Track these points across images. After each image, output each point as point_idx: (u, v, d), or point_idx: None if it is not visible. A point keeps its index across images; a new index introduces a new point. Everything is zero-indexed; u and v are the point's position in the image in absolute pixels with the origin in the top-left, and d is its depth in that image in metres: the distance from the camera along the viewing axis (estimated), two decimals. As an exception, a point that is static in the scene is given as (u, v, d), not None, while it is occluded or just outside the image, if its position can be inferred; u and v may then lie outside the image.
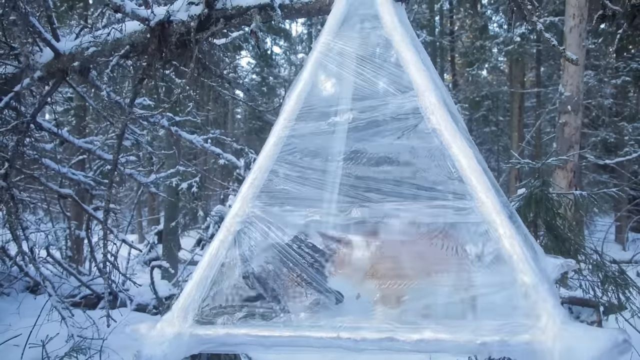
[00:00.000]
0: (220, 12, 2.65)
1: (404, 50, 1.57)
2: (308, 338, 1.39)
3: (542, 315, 1.28)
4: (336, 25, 1.65)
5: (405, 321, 1.38)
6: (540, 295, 1.31)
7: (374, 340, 1.35)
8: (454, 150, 1.46)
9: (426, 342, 1.33)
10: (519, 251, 1.36)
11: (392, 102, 1.57)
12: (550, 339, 1.25)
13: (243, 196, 1.56)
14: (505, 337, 1.30)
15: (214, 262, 1.52)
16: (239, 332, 1.44)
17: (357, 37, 1.64)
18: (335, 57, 1.64)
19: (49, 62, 3.60)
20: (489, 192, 1.42)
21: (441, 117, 1.50)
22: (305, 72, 1.65)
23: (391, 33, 1.59)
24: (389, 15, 1.61)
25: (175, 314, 1.48)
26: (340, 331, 1.38)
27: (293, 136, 1.61)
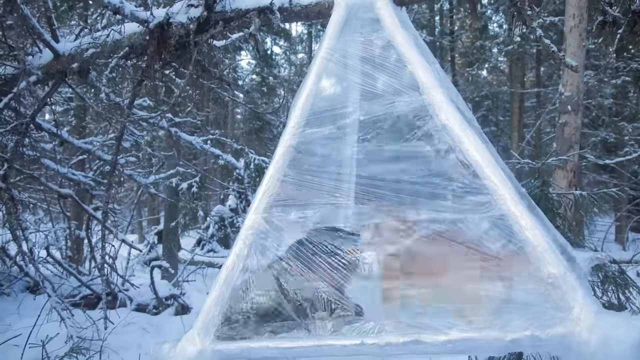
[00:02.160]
0: (219, 15, 2.65)
1: (407, 50, 1.57)
2: (332, 347, 1.37)
3: (574, 306, 1.25)
4: (337, 29, 1.65)
5: (431, 322, 1.35)
6: (569, 286, 1.27)
7: (399, 344, 1.33)
8: (466, 145, 1.45)
9: (453, 343, 1.31)
10: (542, 242, 1.33)
11: (399, 102, 1.57)
12: (585, 329, 1.21)
13: (256, 207, 1.54)
14: (537, 331, 1.26)
15: (232, 276, 1.50)
16: (261, 345, 1.42)
17: (359, 40, 1.64)
18: (339, 61, 1.64)
19: (48, 63, 3.60)
20: (506, 184, 1.40)
21: (450, 113, 1.49)
22: (309, 78, 1.64)
23: (393, 35, 1.59)
24: (389, 18, 1.61)
25: (196, 332, 1.47)
26: (364, 337, 1.36)
27: (302, 143, 1.60)
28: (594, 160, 12.99)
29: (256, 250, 1.51)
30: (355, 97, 1.60)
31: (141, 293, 6.82)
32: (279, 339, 1.43)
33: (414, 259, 1.48)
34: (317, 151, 1.60)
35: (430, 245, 1.48)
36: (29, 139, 4.97)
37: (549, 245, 1.33)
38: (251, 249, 1.52)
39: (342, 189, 1.56)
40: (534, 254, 1.34)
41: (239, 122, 22.04)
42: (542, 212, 1.81)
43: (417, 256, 1.48)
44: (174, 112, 7.67)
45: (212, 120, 15.62)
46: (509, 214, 1.38)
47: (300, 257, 1.50)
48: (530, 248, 1.34)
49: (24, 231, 4.63)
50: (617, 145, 14.87)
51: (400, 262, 1.49)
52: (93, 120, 10.50)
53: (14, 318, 5.25)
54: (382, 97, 1.58)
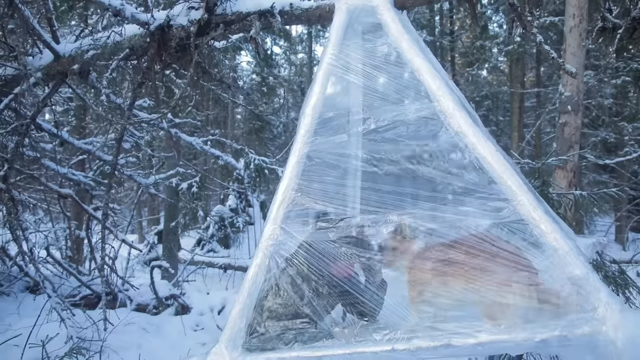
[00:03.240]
0: (220, 18, 2.64)
1: (413, 56, 1.56)
2: (364, 354, 1.38)
3: (599, 306, 1.27)
4: (340, 34, 1.65)
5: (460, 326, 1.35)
6: (592, 286, 1.29)
7: (430, 348, 1.35)
8: (481, 151, 1.45)
9: (483, 345, 1.32)
10: (564, 245, 1.35)
11: (409, 109, 1.57)
12: (611, 328, 1.23)
13: (273, 218, 1.54)
14: (564, 332, 1.28)
15: (254, 287, 1.50)
16: (291, 356, 1.42)
17: (363, 46, 1.64)
18: (345, 67, 1.64)
19: (48, 64, 3.60)
20: (523, 189, 1.40)
21: (461, 119, 1.49)
22: (316, 85, 1.64)
23: (398, 41, 1.59)
24: (393, 24, 1.60)
25: (223, 345, 1.46)
26: (394, 344, 1.36)
27: (315, 151, 1.60)
28: (594, 160, 12.98)
29: (277, 260, 1.51)
30: (363, 103, 1.60)
31: (141, 293, 6.82)
32: (308, 348, 1.42)
33: (441, 264, 1.48)
34: (330, 160, 1.59)
35: (455, 250, 1.48)
36: (29, 139, 4.97)
37: (569, 247, 1.36)
38: (271, 259, 1.51)
39: (357, 197, 1.56)
40: (556, 256, 1.35)
41: (239, 122, 22.04)
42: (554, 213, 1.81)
43: (443, 261, 1.49)
44: (174, 113, 7.67)
45: (212, 120, 15.61)
46: (529, 219, 1.40)
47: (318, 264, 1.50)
48: (552, 251, 1.36)
49: (24, 231, 4.64)
50: (617, 145, 14.86)
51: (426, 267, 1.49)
52: (93, 121, 10.50)
53: (14, 318, 5.25)
54: (391, 104, 1.58)
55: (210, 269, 10.23)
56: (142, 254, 9.23)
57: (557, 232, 1.37)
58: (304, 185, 1.57)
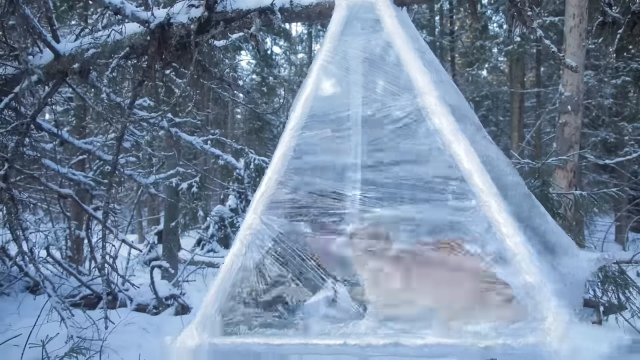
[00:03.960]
0: (220, 15, 2.64)
1: (404, 52, 1.57)
2: (317, 346, 1.41)
3: (548, 316, 1.26)
4: (338, 30, 1.65)
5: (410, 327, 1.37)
6: (543, 295, 1.28)
7: (379, 346, 1.36)
8: (455, 149, 1.45)
9: (430, 347, 1.33)
10: (522, 250, 1.34)
11: (394, 105, 1.57)
12: (555, 340, 1.22)
13: (254, 209, 1.57)
14: (509, 340, 1.28)
15: (229, 274, 1.54)
16: (252, 341, 1.47)
17: (359, 41, 1.64)
18: (340, 63, 1.64)
19: (48, 64, 3.60)
20: (492, 190, 1.39)
21: (442, 116, 1.48)
22: (310, 79, 1.65)
23: (392, 36, 1.59)
24: (389, 19, 1.61)
25: (194, 327, 1.52)
26: (347, 338, 1.39)
27: (301, 145, 1.61)
28: (594, 160, 12.98)
29: (253, 250, 1.54)
30: (355, 99, 1.60)
31: (141, 293, 6.81)
32: (269, 335, 1.47)
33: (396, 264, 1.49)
34: (316, 154, 1.60)
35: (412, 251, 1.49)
36: (30, 139, 4.97)
37: (528, 253, 1.33)
38: (248, 248, 1.54)
39: (339, 192, 1.57)
40: (513, 262, 1.34)
41: (239, 122, 22.05)
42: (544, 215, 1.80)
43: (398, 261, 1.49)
44: (174, 112, 7.67)
45: (212, 120, 15.61)
46: (493, 221, 1.38)
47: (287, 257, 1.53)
48: (510, 256, 1.34)
49: (24, 231, 4.64)
50: (617, 145, 14.87)
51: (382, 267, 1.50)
52: (93, 121, 10.50)
53: (14, 318, 5.25)
54: (379, 100, 1.58)
55: (210, 269, 10.22)
56: (142, 254, 9.23)
57: (519, 236, 1.35)
58: (287, 178, 1.59)
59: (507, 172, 1.74)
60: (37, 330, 4.35)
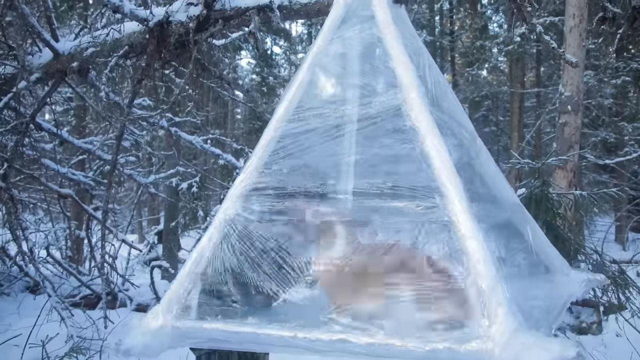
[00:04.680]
0: (219, 13, 2.64)
1: (392, 47, 1.55)
2: (270, 336, 1.40)
3: (493, 323, 1.21)
4: (333, 26, 1.64)
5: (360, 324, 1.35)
6: (495, 301, 1.23)
7: (327, 341, 1.34)
8: (427, 146, 1.42)
9: (377, 346, 1.30)
10: (478, 252, 1.29)
11: (376, 100, 1.56)
12: (497, 347, 1.18)
13: (232, 194, 1.57)
14: (454, 344, 1.24)
15: (200, 258, 1.54)
16: (212, 327, 1.46)
17: (353, 37, 1.63)
18: (331, 58, 1.63)
19: (48, 63, 3.59)
20: (458, 189, 1.36)
21: (420, 112, 1.46)
22: (300, 72, 1.64)
23: (383, 31, 1.57)
24: (383, 14, 1.59)
25: (160, 308, 1.52)
26: (297, 330, 1.37)
27: (285, 136, 1.60)
28: (594, 160, 12.98)
29: (225, 237, 1.54)
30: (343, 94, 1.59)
31: (141, 293, 6.81)
32: (229, 323, 1.46)
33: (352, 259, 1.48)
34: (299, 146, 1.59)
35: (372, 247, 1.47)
36: (29, 138, 4.97)
37: (484, 256, 1.28)
38: (221, 234, 1.54)
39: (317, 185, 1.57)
40: (469, 264, 1.29)
41: (239, 122, 22.06)
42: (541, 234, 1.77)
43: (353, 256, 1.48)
44: (173, 112, 7.67)
45: (212, 120, 15.62)
46: (454, 221, 1.33)
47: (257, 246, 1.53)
48: (466, 257, 1.30)
49: (24, 231, 4.64)
50: (617, 145, 14.87)
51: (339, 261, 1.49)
52: (93, 120, 10.51)
53: (14, 318, 5.25)
54: (368, 94, 1.57)
55: (210, 269, 10.22)
56: (142, 254, 9.22)
57: (478, 238, 1.30)
58: (267, 167, 1.59)
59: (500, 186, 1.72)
60: (37, 330, 4.35)
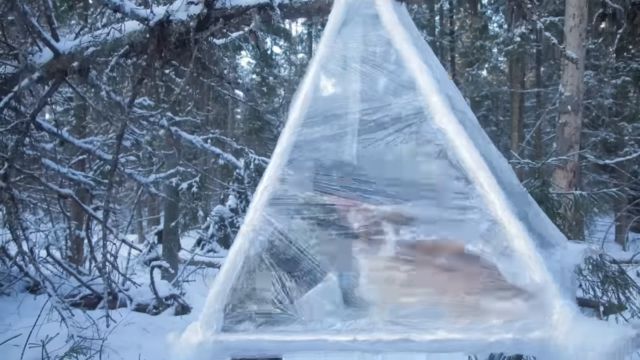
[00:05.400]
0: (219, 12, 2.64)
1: (405, 49, 1.56)
2: (326, 342, 1.41)
3: (553, 312, 1.29)
4: (337, 26, 1.64)
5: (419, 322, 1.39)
6: (550, 293, 1.32)
7: (389, 341, 1.37)
8: (458, 149, 1.45)
9: (440, 342, 1.35)
10: (528, 250, 1.36)
11: (395, 103, 1.56)
12: (562, 335, 1.26)
13: (255, 204, 1.57)
14: (518, 335, 1.31)
15: (232, 270, 1.54)
16: (259, 338, 1.46)
17: (358, 38, 1.63)
18: (338, 59, 1.63)
19: (48, 62, 3.59)
20: (496, 189, 1.41)
21: (444, 116, 1.48)
22: (309, 76, 1.64)
23: (391, 32, 1.58)
24: (388, 14, 1.59)
25: (199, 323, 1.52)
26: (356, 334, 1.39)
27: (302, 141, 1.61)
28: (594, 160, 12.99)
29: (255, 246, 1.54)
30: (354, 97, 1.59)
31: (141, 293, 6.82)
32: (277, 332, 1.47)
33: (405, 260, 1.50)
34: (317, 151, 1.60)
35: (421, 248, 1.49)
36: (29, 138, 4.97)
37: (533, 252, 1.36)
38: (251, 244, 1.54)
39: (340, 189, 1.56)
40: (519, 260, 1.36)
41: (239, 122, 22.05)
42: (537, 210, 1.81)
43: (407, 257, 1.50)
44: (174, 111, 7.67)
45: (212, 120, 15.61)
46: (497, 220, 1.40)
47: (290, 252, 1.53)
48: (515, 254, 1.37)
49: (24, 231, 4.63)
50: (617, 145, 14.88)
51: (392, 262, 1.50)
52: (93, 120, 10.50)
53: (14, 318, 5.25)
54: (379, 98, 1.58)
55: (210, 269, 10.22)
56: (142, 254, 9.23)
57: (524, 236, 1.38)
58: (288, 173, 1.59)
59: (505, 170, 1.75)
60: (37, 330, 4.35)
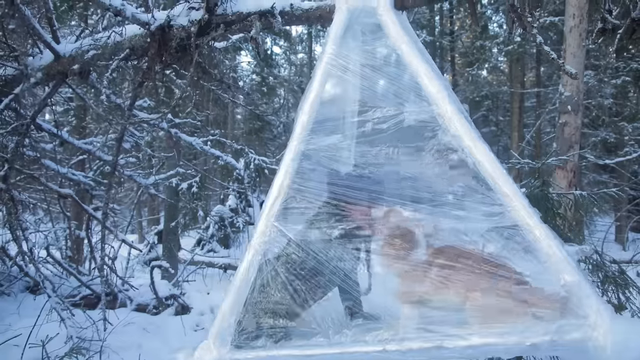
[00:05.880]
0: (220, 18, 2.64)
1: (413, 59, 1.56)
2: (354, 354, 1.38)
3: (590, 313, 1.29)
4: (339, 34, 1.65)
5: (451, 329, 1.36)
6: (584, 293, 1.32)
7: (422, 349, 1.35)
8: (477, 156, 1.45)
9: (474, 348, 1.34)
10: (557, 251, 1.37)
11: (408, 112, 1.56)
12: (601, 335, 1.25)
13: (266, 215, 1.53)
14: (555, 337, 1.30)
15: (245, 283, 1.49)
16: (281, 354, 1.42)
17: (362, 47, 1.63)
18: (343, 68, 1.63)
19: (48, 65, 3.60)
20: (518, 195, 1.41)
21: (459, 123, 1.49)
22: (314, 83, 1.64)
23: (397, 43, 1.58)
24: (393, 25, 1.60)
25: (212, 340, 1.45)
26: (385, 344, 1.37)
27: (311, 150, 1.59)
28: (594, 160, 12.98)
29: (268, 258, 1.50)
30: (361, 105, 1.60)
31: (141, 293, 6.82)
32: (299, 347, 1.42)
33: (433, 266, 1.48)
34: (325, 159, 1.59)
35: (448, 254, 1.48)
36: (29, 139, 4.97)
37: (563, 254, 1.37)
38: (263, 256, 1.51)
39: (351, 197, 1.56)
40: (550, 263, 1.36)
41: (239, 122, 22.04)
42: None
43: (436, 264, 1.48)
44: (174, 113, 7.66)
45: (212, 120, 15.61)
46: (524, 225, 1.40)
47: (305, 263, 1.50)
48: (545, 257, 1.37)
49: (24, 231, 4.64)
50: (617, 145, 14.87)
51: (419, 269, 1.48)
52: (93, 121, 10.50)
53: (14, 318, 5.25)
54: (389, 106, 1.58)
55: (210, 269, 10.23)
56: (142, 254, 9.23)
57: (551, 239, 1.39)
58: (298, 182, 1.57)
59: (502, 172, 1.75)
60: (37, 330, 4.35)
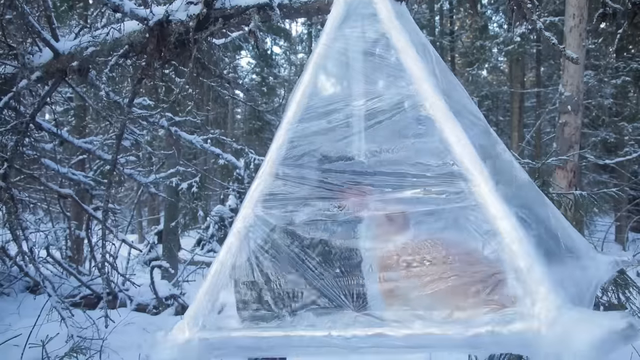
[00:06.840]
0: (219, 12, 2.64)
1: (398, 40, 1.55)
2: (302, 337, 1.38)
3: (537, 301, 1.17)
4: (335, 25, 1.64)
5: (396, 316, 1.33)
6: (534, 279, 1.19)
7: (364, 337, 1.31)
8: (446, 134, 1.42)
9: (416, 337, 1.27)
10: (512, 232, 1.26)
11: (387, 93, 1.55)
12: (545, 326, 1.13)
13: (249, 201, 1.55)
14: (497, 327, 1.19)
15: (222, 268, 1.52)
16: (239, 335, 1.45)
17: (356, 36, 1.63)
18: (336, 57, 1.63)
19: (48, 62, 3.59)
20: (483, 174, 1.34)
21: (434, 102, 1.46)
22: (306, 73, 1.64)
23: (388, 27, 1.57)
24: (385, 11, 1.59)
25: (186, 321, 1.49)
26: (331, 330, 1.35)
27: (297, 137, 1.60)
28: (594, 160, 12.96)
29: (247, 244, 1.52)
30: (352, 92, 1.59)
31: (141, 293, 6.82)
32: (257, 329, 1.45)
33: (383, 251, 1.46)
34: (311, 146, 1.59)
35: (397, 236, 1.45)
36: (29, 138, 4.97)
37: (519, 236, 1.25)
38: (242, 242, 1.52)
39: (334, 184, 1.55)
40: (502, 245, 1.26)
41: (239, 122, 22.05)
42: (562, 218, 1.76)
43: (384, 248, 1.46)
44: (173, 111, 7.66)
45: (212, 120, 15.61)
46: (482, 203, 1.31)
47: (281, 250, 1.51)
48: (499, 238, 1.27)
49: (24, 231, 4.63)
50: (617, 145, 14.87)
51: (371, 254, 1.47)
52: (93, 120, 10.50)
53: (14, 318, 5.25)
54: (379, 93, 1.57)
55: (210, 269, 10.21)
56: (142, 254, 9.23)
57: (509, 219, 1.27)
58: (282, 170, 1.57)
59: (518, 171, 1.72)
60: (37, 330, 4.34)
